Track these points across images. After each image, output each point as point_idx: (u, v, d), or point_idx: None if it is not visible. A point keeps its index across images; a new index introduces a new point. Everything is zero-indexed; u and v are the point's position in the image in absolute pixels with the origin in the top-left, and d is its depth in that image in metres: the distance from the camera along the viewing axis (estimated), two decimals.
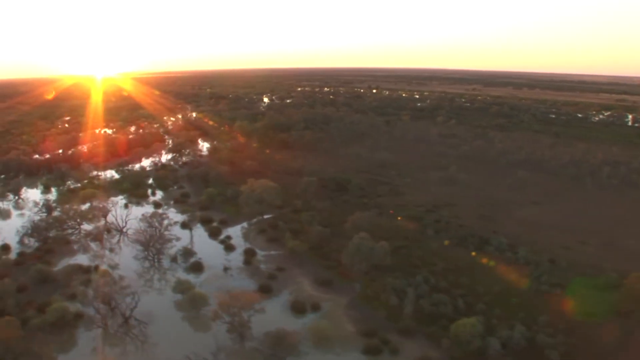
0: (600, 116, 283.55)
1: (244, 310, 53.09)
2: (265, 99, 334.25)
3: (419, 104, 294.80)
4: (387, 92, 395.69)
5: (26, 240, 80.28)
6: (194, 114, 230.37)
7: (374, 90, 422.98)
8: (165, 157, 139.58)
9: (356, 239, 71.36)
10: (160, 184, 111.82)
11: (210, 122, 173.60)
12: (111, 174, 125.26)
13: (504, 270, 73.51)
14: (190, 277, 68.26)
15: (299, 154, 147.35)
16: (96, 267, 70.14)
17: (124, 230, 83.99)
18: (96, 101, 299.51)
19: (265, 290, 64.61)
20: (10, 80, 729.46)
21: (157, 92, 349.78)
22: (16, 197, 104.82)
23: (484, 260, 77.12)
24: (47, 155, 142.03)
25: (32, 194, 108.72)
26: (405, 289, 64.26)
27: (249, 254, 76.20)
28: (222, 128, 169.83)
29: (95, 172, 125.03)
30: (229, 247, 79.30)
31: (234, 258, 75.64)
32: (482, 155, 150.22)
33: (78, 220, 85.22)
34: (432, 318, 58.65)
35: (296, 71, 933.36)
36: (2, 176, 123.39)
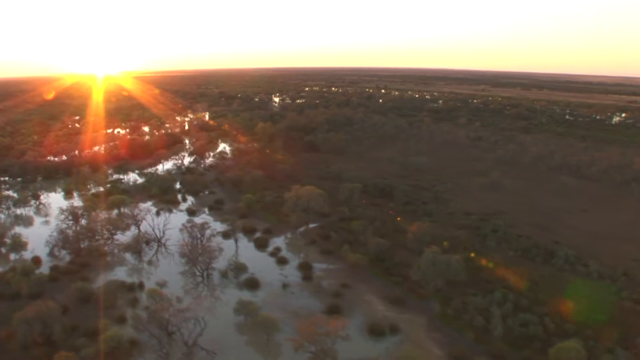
0: (618, 118, 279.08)
1: (328, 338, 46.60)
2: (276, 99, 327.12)
3: (433, 105, 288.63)
4: (396, 93, 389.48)
5: (56, 252, 73.39)
6: (207, 115, 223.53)
7: (383, 91, 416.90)
8: (187, 160, 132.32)
9: (429, 254, 65.29)
10: (189, 189, 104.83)
11: (230, 123, 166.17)
12: (133, 177, 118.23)
13: (580, 285, 67.81)
14: (247, 295, 61.69)
15: (328, 157, 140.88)
16: (140, 285, 63.22)
17: (162, 240, 77.04)
18: (103, 101, 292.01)
19: (335, 310, 58.02)
20: (10, 79, 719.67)
21: (163, 92, 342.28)
22: (37, 202, 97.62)
23: (558, 275, 71.51)
24: (64, 157, 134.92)
25: (54, 199, 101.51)
26: (489, 308, 58.56)
27: (305, 268, 69.53)
28: (243, 129, 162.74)
29: (115, 175, 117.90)
30: (281, 260, 72.53)
31: (290, 273, 68.94)
32: (517, 159, 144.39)
33: (110, 229, 78.28)
34: (523, 340, 53.30)
35: (297, 70, 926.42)
36: (19, 179, 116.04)
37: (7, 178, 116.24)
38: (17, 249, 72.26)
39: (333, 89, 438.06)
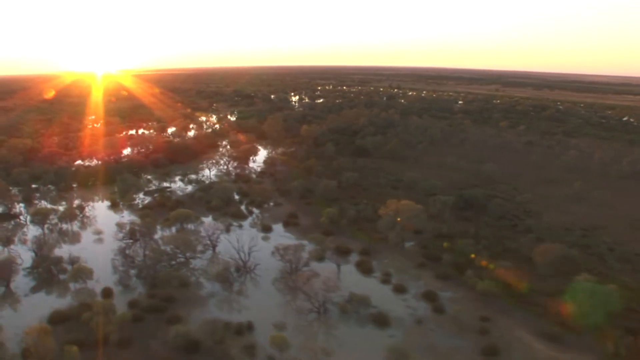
0: None
1: None
2: (293, 98, 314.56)
3: (460, 106, 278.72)
4: (413, 93, 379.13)
5: (126, 280, 61.63)
6: (232, 115, 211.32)
7: (396, 90, 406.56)
8: (229, 165, 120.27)
9: (586, 284, 55.14)
10: (251, 200, 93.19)
11: (267, 125, 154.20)
12: (179, 185, 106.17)
13: None
14: (378, 334, 51.07)
15: (384, 163, 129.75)
16: (249, 325, 51.70)
17: (249, 265, 65.40)
18: (114, 100, 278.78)
19: (491, 352, 48.03)
20: (9, 77, 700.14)
21: (174, 90, 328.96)
22: (81, 215, 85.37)
23: None
24: (96, 161, 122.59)
25: (99, 211, 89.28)
26: None
27: (431, 299, 58.84)
28: (282, 131, 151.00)
29: (158, 182, 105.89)
30: (397, 289, 61.48)
31: (415, 304, 58.14)
32: (584, 165, 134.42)
33: (184, 251, 66.64)
34: None
35: (300, 69, 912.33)
36: (50, 186, 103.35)
37: (38, 185, 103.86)
38: (80, 277, 60.35)
39: (345, 87, 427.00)
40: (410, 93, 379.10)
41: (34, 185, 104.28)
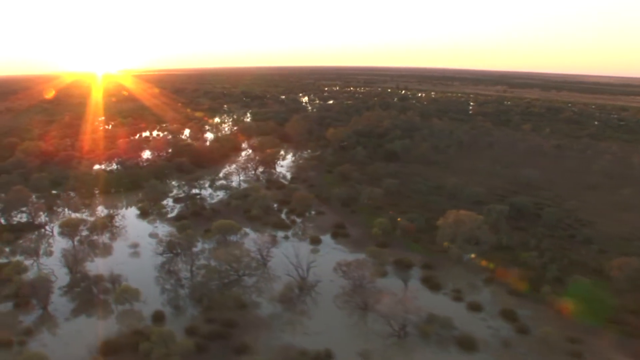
0: None
1: None
2: (303, 99, 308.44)
3: (475, 108, 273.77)
4: (422, 94, 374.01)
5: (176, 301, 55.79)
6: (247, 116, 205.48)
7: (403, 91, 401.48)
8: (257, 170, 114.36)
9: None
10: (291, 209, 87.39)
11: (290, 127, 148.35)
12: (209, 191, 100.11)
13: None
14: (468, 359, 45.83)
15: (415, 168, 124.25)
16: (329, 353, 46.03)
17: (309, 283, 59.62)
18: (119, 100, 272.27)
19: None
20: (8, 77, 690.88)
21: (180, 91, 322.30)
22: (111, 225, 79.26)
23: None
24: (115, 166, 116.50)
25: (129, 220, 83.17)
26: None
27: (511, 318, 53.92)
28: (305, 134, 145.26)
29: (186, 188, 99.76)
30: (472, 307, 56.21)
31: (496, 324, 53.12)
32: (625, 171, 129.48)
33: (236, 268, 60.85)
34: None
35: (301, 69, 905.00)
36: (71, 193, 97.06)
37: (57, 192, 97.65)
38: (127, 299, 54.42)
39: (351, 88, 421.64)
40: (419, 94, 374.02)
41: (53, 192, 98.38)
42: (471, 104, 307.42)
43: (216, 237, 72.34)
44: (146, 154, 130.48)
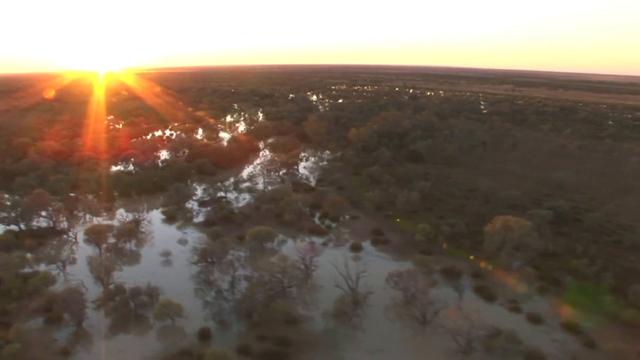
0: None
1: None
2: (312, 98, 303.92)
3: (485, 107, 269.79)
4: (431, 93, 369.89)
5: (220, 315, 51.74)
6: (259, 115, 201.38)
7: (410, 90, 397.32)
8: (280, 171, 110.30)
9: None
10: (323, 213, 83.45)
11: (308, 126, 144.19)
12: (234, 194, 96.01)
13: None
14: None
15: (442, 169, 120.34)
16: None
17: (360, 294, 55.58)
18: (126, 99, 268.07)
19: None
20: (12, 75, 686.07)
21: (192, 90, 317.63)
22: (139, 233, 75.16)
23: None
24: (132, 167, 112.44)
25: (156, 227, 78.93)
26: None
27: (574, 330, 50.70)
28: (324, 133, 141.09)
29: (213, 191, 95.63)
30: (532, 319, 52.79)
31: (560, 337, 49.73)
32: None
33: (282, 278, 56.84)
34: None
35: (306, 68, 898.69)
36: (89, 195, 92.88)
37: (75, 194, 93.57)
38: (169, 314, 50.41)
39: (358, 87, 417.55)
40: (428, 93, 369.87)
41: (71, 194, 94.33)
42: (482, 103, 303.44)
43: (252, 244, 68.28)
44: (162, 155, 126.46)
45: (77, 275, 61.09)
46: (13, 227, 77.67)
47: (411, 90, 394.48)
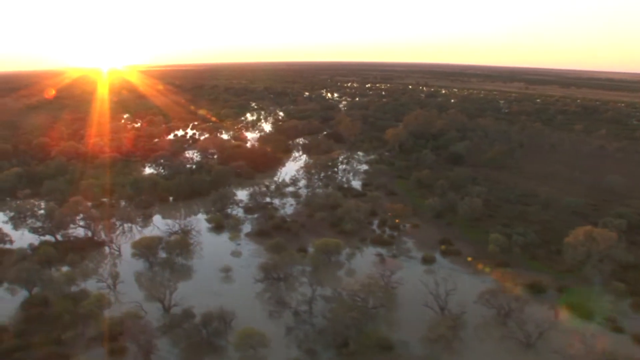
0: None
1: None
2: (327, 96, 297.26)
3: (502, 105, 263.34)
4: (444, 91, 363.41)
5: (307, 343, 45.72)
6: (280, 114, 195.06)
7: (424, 88, 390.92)
8: (319, 174, 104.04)
9: None
10: (382, 221, 77.43)
11: (341, 127, 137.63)
12: (278, 200, 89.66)
13: None
14: None
15: (485, 172, 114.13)
16: None
17: (453, 314, 49.57)
18: (138, 97, 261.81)
19: None
20: (15, 73, 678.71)
21: (205, 88, 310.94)
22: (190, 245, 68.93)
23: None
24: (162, 169, 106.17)
25: (205, 238, 72.62)
26: None
27: None
28: (359, 134, 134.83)
29: (259, 197, 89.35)
30: (638, 339, 47.04)
31: None
32: None
33: (367, 299, 50.73)
34: None
35: (312, 65, 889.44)
36: (125, 203, 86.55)
37: (108, 200, 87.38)
38: (250, 345, 44.28)
39: (370, 85, 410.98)
40: (443, 91, 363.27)
41: (103, 199, 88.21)
42: (501, 101, 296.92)
43: (317, 258, 62.20)
44: (190, 156, 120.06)
45: (129, 295, 55.23)
46: (48, 237, 71.78)
47: (425, 88, 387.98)
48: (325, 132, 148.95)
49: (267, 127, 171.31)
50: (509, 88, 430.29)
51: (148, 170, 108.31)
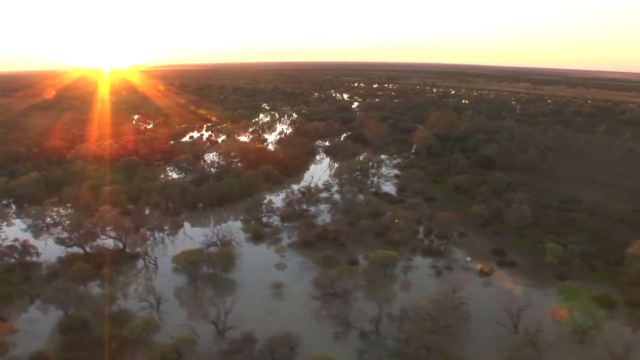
0: None
1: None
2: (337, 96, 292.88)
3: (514, 105, 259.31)
4: (453, 91, 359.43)
5: None
6: (294, 115, 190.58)
7: (432, 88, 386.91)
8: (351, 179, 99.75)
9: None
10: (427, 230, 73.25)
11: (367, 130, 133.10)
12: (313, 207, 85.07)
13: None
14: None
15: (518, 176, 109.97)
16: None
17: (529, 333, 45.40)
18: (150, 97, 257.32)
19: None
20: (16, 73, 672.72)
21: (212, 89, 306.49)
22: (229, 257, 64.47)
23: None
24: (183, 174, 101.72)
25: (245, 249, 68.20)
26: None
27: None
28: (384, 137, 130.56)
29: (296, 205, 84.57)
30: None
31: None
32: None
33: (442, 318, 46.42)
34: None
35: (315, 65, 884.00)
36: (151, 210, 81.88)
37: (133, 207, 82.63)
38: None
39: (376, 85, 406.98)
40: (451, 91, 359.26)
41: (128, 206, 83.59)
42: (512, 102, 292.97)
43: (371, 271, 57.90)
44: (211, 159, 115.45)
45: (174, 315, 50.79)
46: (76, 249, 67.28)
47: (434, 89, 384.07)
48: (346, 134, 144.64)
49: (283, 128, 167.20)
50: (516, 88, 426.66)
51: (169, 175, 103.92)
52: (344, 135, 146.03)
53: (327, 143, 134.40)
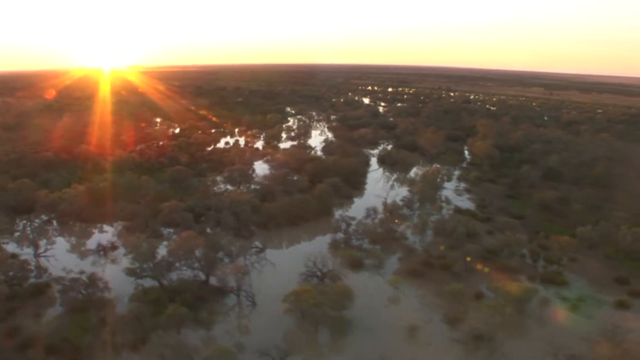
0: None
1: None
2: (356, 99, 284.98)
3: (553, 114, 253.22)
4: (472, 96, 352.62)
5: None
6: (327, 120, 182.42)
7: (452, 93, 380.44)
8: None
9: None
10: (533, 252, 65.86)
11: (422, 139, 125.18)
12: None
13: None
14: None
15: (593, 191, 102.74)
16: None
17: None
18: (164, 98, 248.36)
19: None
20: (18, 73, 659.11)
21: (226, 91, 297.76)
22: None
23: None
24: (240, 186, 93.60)
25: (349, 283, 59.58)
26: None
27: None
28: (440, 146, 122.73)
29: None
30: None
31: None
32: None
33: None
34: None
35: (320, 67, 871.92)
36: (219, 232, 72.90)
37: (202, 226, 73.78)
38: None
39: (390, 89, 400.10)
40: (470, 96, 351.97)
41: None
42: (537, 108, 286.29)
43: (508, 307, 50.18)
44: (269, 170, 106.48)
45: None
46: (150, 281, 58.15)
47: (452, 93, 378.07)
48: (391, 142, 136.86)
49: (321, 134, 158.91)
50: (531, 93, 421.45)
51: (220, 187, 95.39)
52: (386, 142, 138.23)
53: (374, 151, 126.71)
